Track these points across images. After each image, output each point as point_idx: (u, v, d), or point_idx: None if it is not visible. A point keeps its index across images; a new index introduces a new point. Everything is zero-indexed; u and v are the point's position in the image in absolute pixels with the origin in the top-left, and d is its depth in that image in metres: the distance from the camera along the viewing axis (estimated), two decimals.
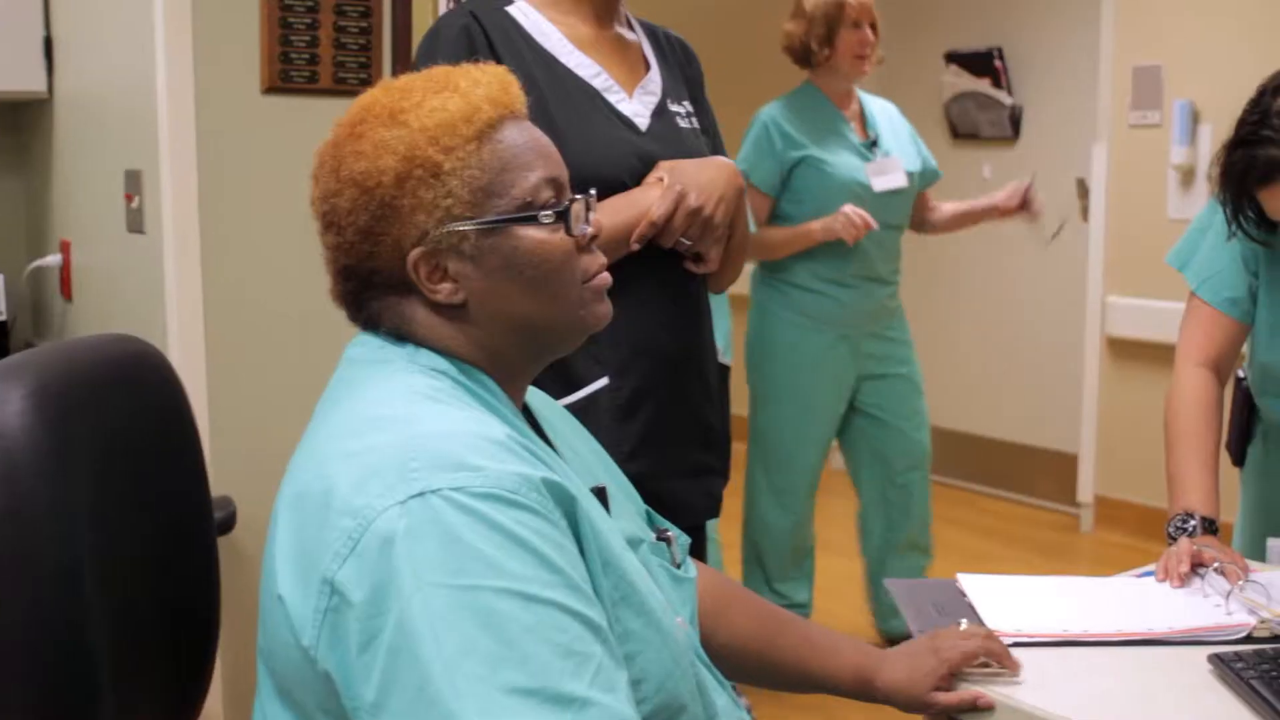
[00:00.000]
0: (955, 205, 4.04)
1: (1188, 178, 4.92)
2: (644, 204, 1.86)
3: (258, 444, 2.58)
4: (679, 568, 1.50)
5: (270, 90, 2.68)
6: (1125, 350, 5.22)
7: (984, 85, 5.78)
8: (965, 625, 1.63)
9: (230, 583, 2.56)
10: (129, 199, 2.77)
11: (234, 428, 2.68)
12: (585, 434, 1.58)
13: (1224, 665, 1.57)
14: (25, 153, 3.51)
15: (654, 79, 2.00)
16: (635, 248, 1.86)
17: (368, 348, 1.32)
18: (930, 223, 4.05)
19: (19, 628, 1.30)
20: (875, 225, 3.61)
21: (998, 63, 5.70)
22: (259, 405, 2.68)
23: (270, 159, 2.67)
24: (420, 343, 1.30)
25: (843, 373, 3.84)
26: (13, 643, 1.29)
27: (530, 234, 1.29)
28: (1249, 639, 1.70)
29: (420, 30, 2.68)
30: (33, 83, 3.20)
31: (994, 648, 1.58)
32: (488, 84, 1.30)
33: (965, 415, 5.90)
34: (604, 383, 1.87)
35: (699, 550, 1.95)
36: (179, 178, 2.63)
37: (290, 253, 2.60)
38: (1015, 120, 5.70)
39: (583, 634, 1.11)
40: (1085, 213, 5.36)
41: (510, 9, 1.94)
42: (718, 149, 2.07)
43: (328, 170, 1.30)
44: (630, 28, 2.04)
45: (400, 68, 2.74)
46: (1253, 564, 1.93)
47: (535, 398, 1.49)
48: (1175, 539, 1.96)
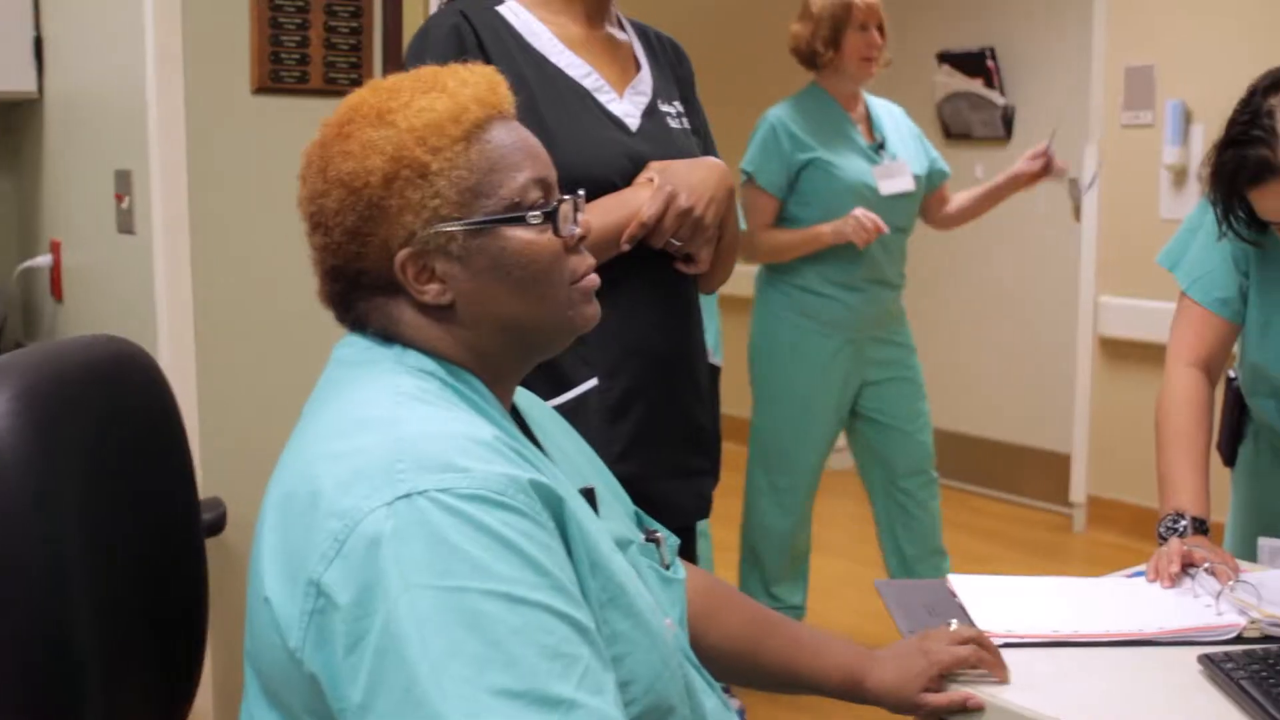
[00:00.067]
0: (970, 192, 3.97)
1: (1180, 178, 4.92)
2: (634, 204, 1.86)
3: (248, 445, 2.58)
4: (668, 569, 1.50)
5: (260, 90, 2.67)
6: (1118, 350, 5.23)
7: (976, 85, 5.78)
8: (955, 626, 1.63)
9: (220, 584, 2.56)
10: (119, 199, 2.77)
11: (224, 428, 2.68)
12: (574, 435, 1.58)
13: (1214, 666, 1.57)
14: (15, 153, 3.50)
15: (644, 79, 2.00)
16: (626, 248, 1.86)
17: (355, 349, 1.32)
18: (948, 216, 3.99)
19: (6, 628, 1.29)
20: (886, 229, 3.58)
21: (990, 63, 5.71)
22: (249, 406, 2.68)
23: (260, 159, 2.66)
24: (408, 344, 1.30)
25: (846, 377, 3.80)
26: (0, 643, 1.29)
27: (518, 234, 1.29)
28: (1239, 639, 1.70)
29: (411, 30, 2.67)
30: (23, 83, 3.19)
31: (986, 656, 1.58)
32: (475, 84, 1.30)
33: (958, 415, 5.90)
34: (594, 383, 1.87)
35: (689, 551, 1.95)
36: (169, 178, 2.63)
37: (281, 253, 2.59)
38: (1008, 120, 5.70)
39: (570, 636, 1.11)
40: (1077, 213, 5.35)
41: (500, 8, 1.93)
42: (709, 149, 2.06)
43: (315, 170, 1.30)
44: (621, 27, 2.04)
45: (391, 68, 2.74)
46: (1243, 564, 1.93)
47: (524, 399, 1.49)
48: (1166, 539, 1.96)
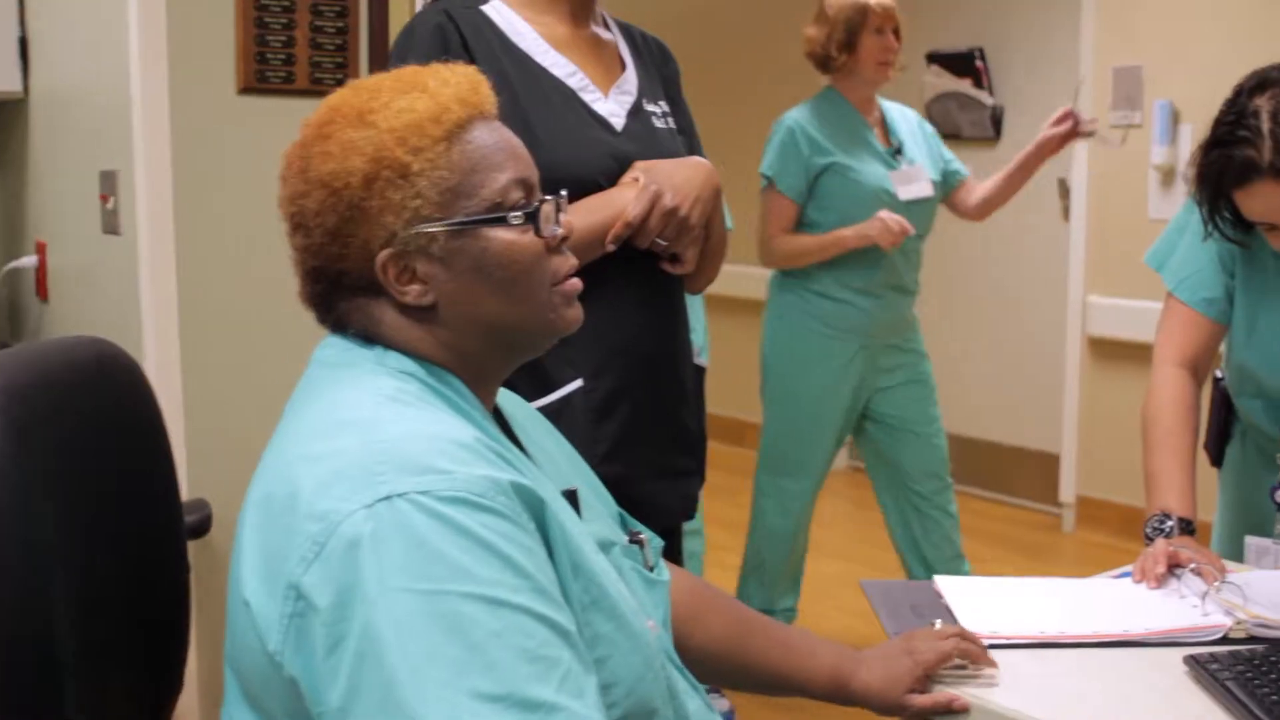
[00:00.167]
0: (995, 177, 3.88)
1: (1168, 178, 4.93)
2: (619, 204, 1.85)
3: (233, 446, 2.57)
4: (652, 571, 1.49)
5: (246, 90, 2.67)
6: (1106, 350, 5.23)
7: (965, 86, 5.78)
8: (940, 626, 1.63)
9: (206, 586, 2.56)
10: (104, 200, 2.76)
11: (209, 430, 2.67)
12: (558, 436, 1.57)
13: (1199, 667, 1.57)
14: (0, 153, 3.49)
15: (630, 78, 1.99)
16: (611, 248, 1.85)
17: (335, 350, 1.31)
18: (978, 205, 3.90)
19: None
20: (913, 230, 3.54)
21: (979, 63, 5.71)
22: (235, 407, 2.67)
23: (246, 160, 2.65)
24: (389, 345, 1.29)
25: (859, 384, 3.75)
26: None
27: (499, 235, 1.28)
28: (1225, 640, 1.70)
29: (397, 30, 2.66)
30: (7, 82, 3.18)
31: (969, 648, 1.58)
32: (457, 84, 1.29)
33: (947, 415, 5.84)
34: (579, 384, 1.86)
35: (674, 553, 1.94)
36: (154, 179, 2.62)
37: (266, 254, 2.57)
38: (997, 120, 5.70)
39: (550, 639, 1.10)
40: (1066, 213, 5.37)
41: (485, 8, 1.92)
42: (694, 149, 2.06)
43: (295, 171, 1.29)
44: (606, 27, 2.03)
45: (377, 68, 2.73)
46: (1230, 564, 1.93)
47: (506, 400, 1.48)
48: (1152, 540, 1.96)
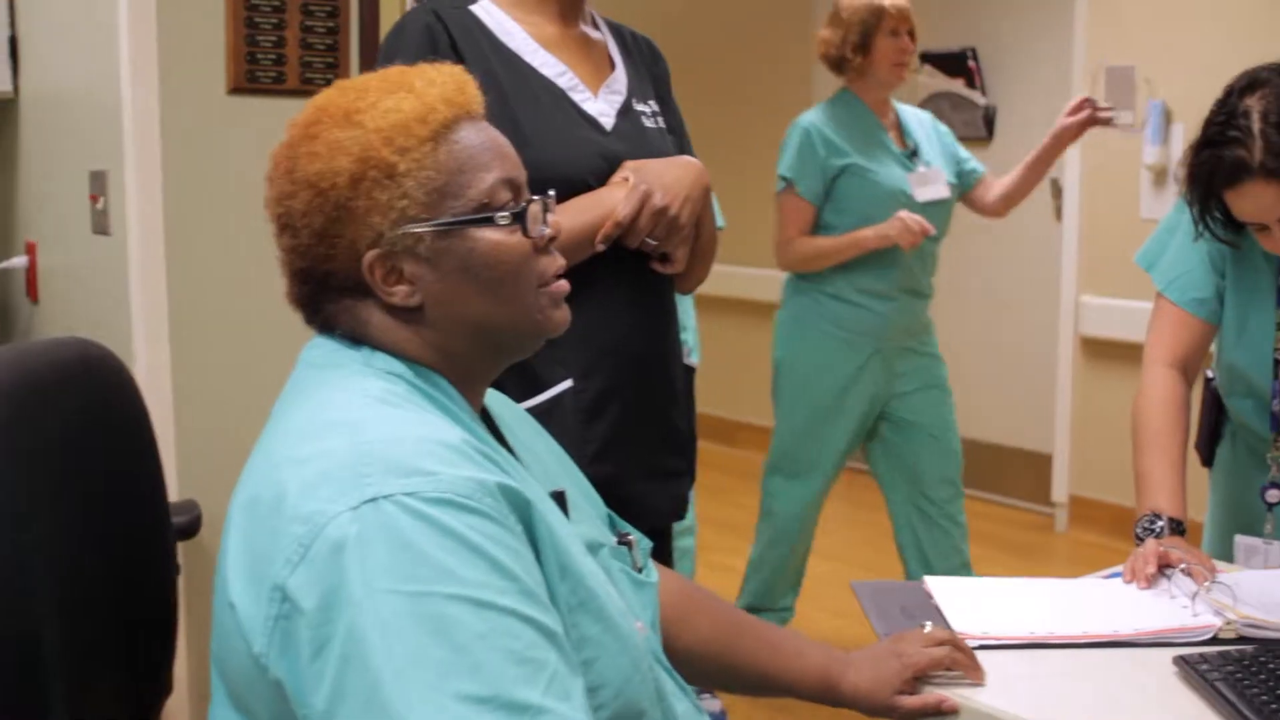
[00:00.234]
0: (1014, 171, 3.83)
1: (1161, 178, 4.92)
2: (609, 204, 1.84)
3: (224, 447, 2.55)
4: (640, 572, 1.49)
5: (236, 90, 2.66)
6: (1099, 350, 5.23)
7: (958, 85, 5.78)
8: (930, 628, 1.62)
9: (196, 586, 2.55)
10: (94, 200, 2.75)
11: (200, 431, 2.66)
12: (546, 437, 1.57)
13: (1189, 667, 1.56)
14: None
15: (619, 78, 1.98)
16: (600, 248, 1.85)
17: (322, 351, 1.30)
18: (999, 201, 3.85)
19: None
20: (933, 230, 3.50)
21: (971, 63, 5.71)
22: (225, 408, 2.66)
23: (236, 160, 2.64)
24: (376, 346, 1.29)
25: (875, 390, 3.71)
26: None
27: (487, 235, 1.28)
28: (1215, 640, 1.69)
29: (388, 30, 2.67)
30: None
31: (960, 658, 1.57)
32: (443, 84, 1.29)
33: None
34: (568, 384, 1.86)
35: (663, 554, 1.94)
36: (144, 179, 2.61)
37: (256, 254, 2.54)
38: (989, 120, 5.70)
39: (537, 640, 1.10)
40: (1059, 213, 5.37)
41: (474, 8, 1.92)
42: (684, 148, 2.05)
43: (282, 172, 1.29)
44: (595, 27, 2.03)
45: (367, 69, 2.68)
46: (1220, 564, 1.93)
47: (495, 401, 1.48)
48: (1143, 540, 1.96)
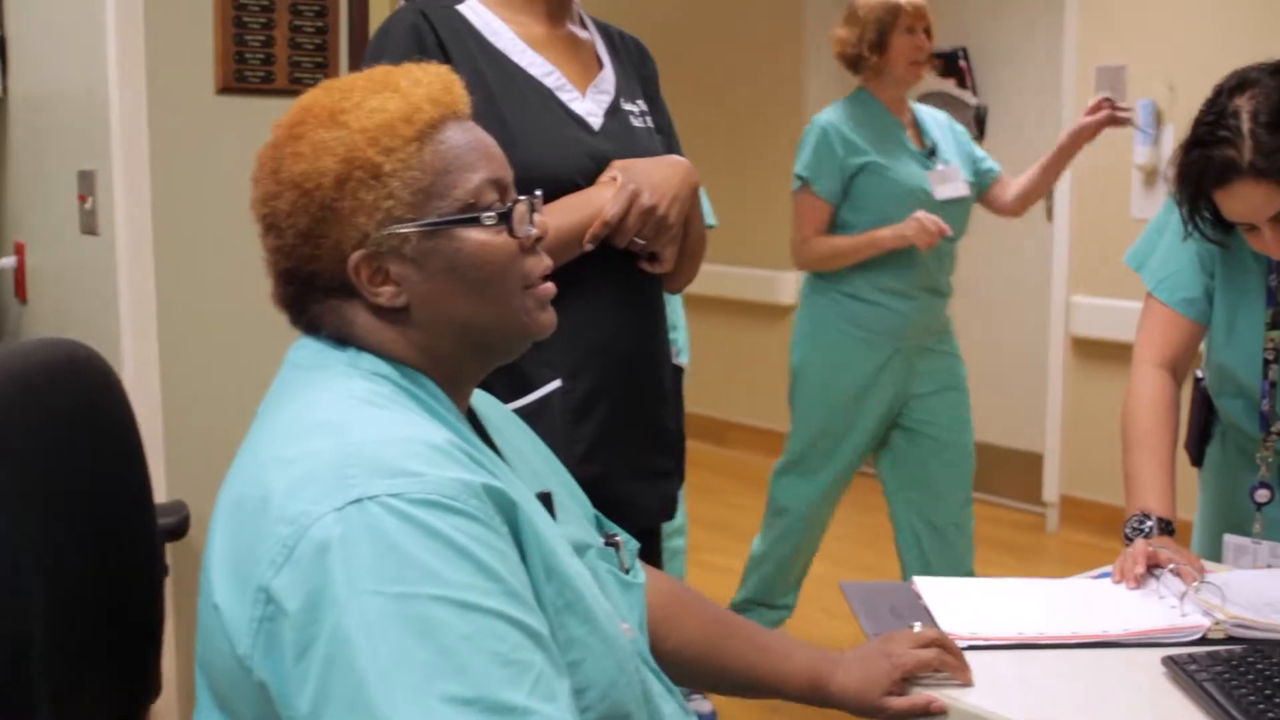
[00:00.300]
0: (1030, 171, 3.81)
1: (1151, 178, 4.93)
2: (597, 203, 1.84)
3: (212, 447, 2.54)
4: (628, 573, 1.49)
5: (224, 90, 2.65)
6: (1090, 350, 5.23)
7: (949, 85, 5.78)
8: (919, 628, 1.62)
9: (185, 587, 2.55)
10: (82, 200, 2.74)
11: (188, 431, 2.65)
12: (534, 438, 1.56)
13: (1177, 668, 1.56)
14: None
15: (607, 78, 1.98)
16: (589, 248, 1.84)
17: (308, 351, 1.30)
18: (1016, 200, 3.82)
19: None
20: (950, 231, 3.46)
21: (963, 63, 5.71)
22: (214, 409, 2.65)
23: (225, 160, 2.64)
24: (362, 347, 1.28)
25: (895, 391, 3.65)
26: None
27: (473, 236, 1.27)
28: (1204, 640, 1.69)
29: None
30: None
31: (949, 660, 1.57)
32: (429, 84, 1.29)
33: None
34: (557, 385, 1.85)
35: (652, 555, 1.94)
36: (132, 179, 2.60)
37: (245, 255, 2.52)
38: (980, 120, 5.71)
39: (522, 642, 1.10)
40: (1050, 213, 5.37)
41: (461, 7, 1.91)
42: (672, 147, 2.05)
43: (267, 172, 1.28)
44: (583, 26, 2.02)
45: (357, 69, 2.70)
46: (1209, 564, 1.93)
47: (482, 402, 1.47)
48: (1132, 540, 1.96)
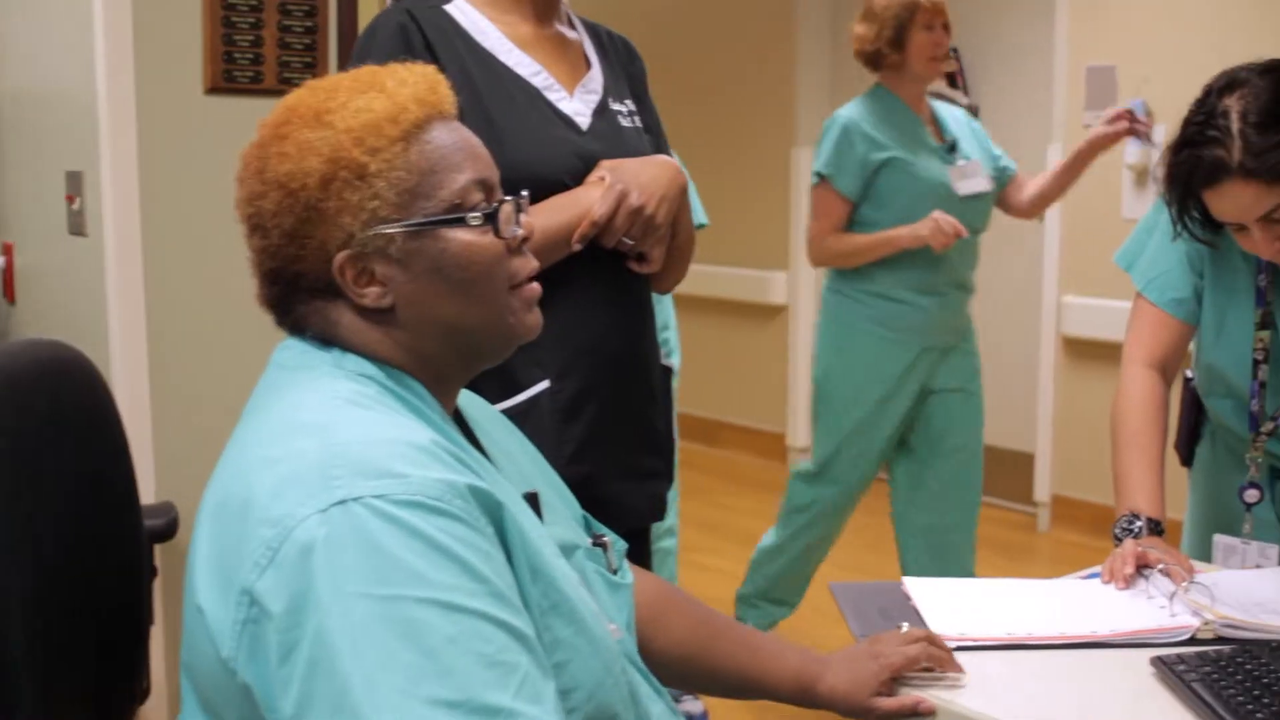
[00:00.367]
0: (1045, 174, 3.79)
1: (1142, 178, 4.93)
2: (585, 204, 1.84)
3: (201, 449, 2.53)
4: (615, 573, 1.48)
5: (213, 90, 2.65)
6: (1081, 350, 5.24)
7: (941, 85, 5.77)
8: (907, 629, 1.62)
9: (174, 589, 2.54)
10: (70, 200, 2.74)
11: (177, 432, 2.65)
12: (521, 438, 1.56)
13: (1166, 668, 1.56)
14: None
15: (595, 77, 1.98)
16: (577, 248, 1.84)
17: (293, 352, 1.30)
18: (1030, 202, 3.79)
19: None
20: (965, 233, 3.42)
21: (954, 62, 5.71)
22: (202, 409, 2.65)
23: (213, 160, 2.62)
24: (347, 347, 1.28)
25: (918, 391, 3.62)
26: None
27: (458, 236, 1.27)
28: (1193, 641, 1.69)
29: None
30: None
31: (936, 652, 1.57)
32: (414, 84, 1.28)
33: None
34: (545, 385, 1.85)
35: (642, 556, 1.93)
36: (120, 179, 2.60)
37: (233, 255, 2.51)
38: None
39: (508, 643, 1.09)
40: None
41: (448, 7, 1.91)
42: (661, 147, 2.05)
43: (252, 172, 1.28)
44: (571, 26, 2.02)
45: (346, 69, 2.72)
46: (1198, 565, 1.93)
47: (469, 402, 1.47)
48: (1121, 540, 1.96)
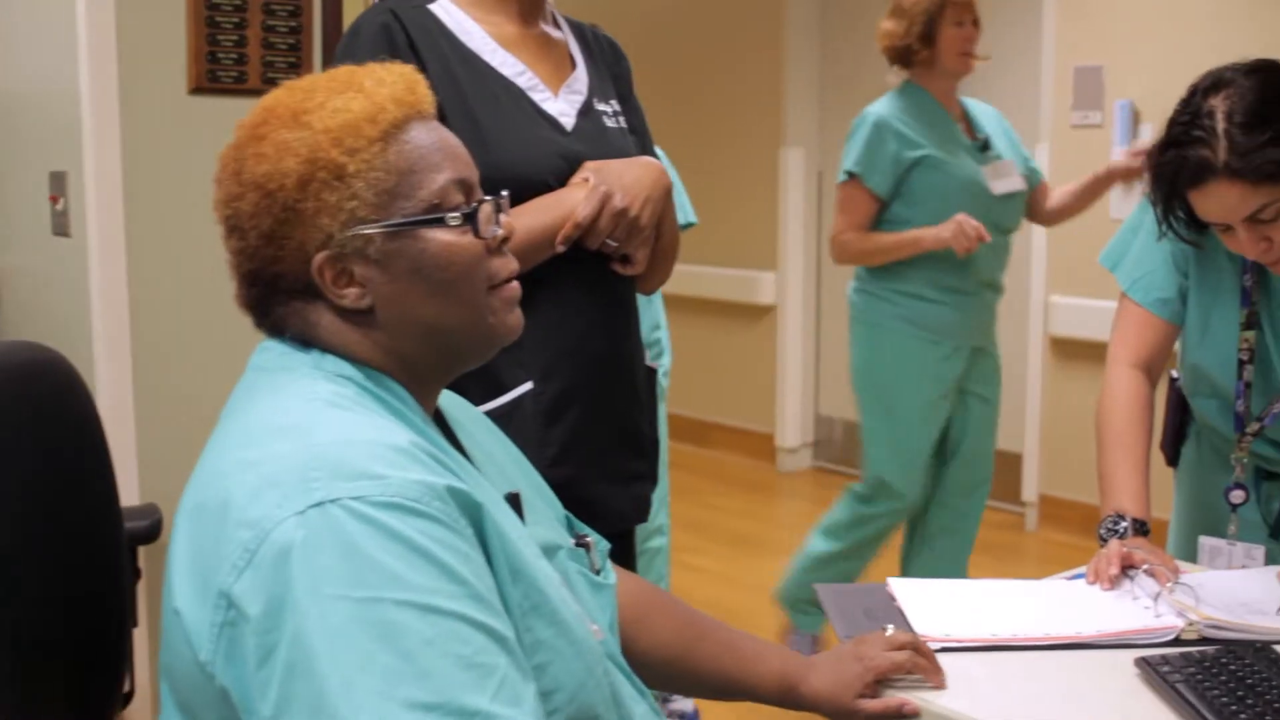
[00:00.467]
0: (1068, 187, 3.76)
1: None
2: (569, 205, 1.83)
3: (185, 451, 2.50)
4: (598, 574, 1.48)
5: (197, 91, 2.64)
6: (1068, 350, 5.24)
7: None
8: (891, 631, 1.61)
9: (157, 592, 2.52)
10: (54, 201, 2.73)
11: (160, 434, 2.64)
12: (503, 439, 1.55)
13: (1150, 669, 1.56)
14: None
15: (580, 77, 1.97)
16: (561, 249, 1.83)
17: (272, 354, 1.29)
18: (1053, 211, 3.78)
19: None
20: (989, 237, 3.37)
21: None
22: (186, 411, 2.63)
23: (197, 161, 2.58)
24: (326, 349, 1.27)
25: (955, 383, 3.58)
26: None
27: (438, 236, 1.26)
28: (1177, 641, 1.69)
29: None
30: None
31: (922, 662, 1.56)
32: (393, 84, 1.27)
33: None
34: (528, 387, 1.84)
35: (626, 557, 1.93)
36: (104, 180, 2.59)
37: (218, 257, 2.51)
38: None
39: (486, 645, 1.09)
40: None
41: (432, 7, 1.90)
42: (646, 148, 2.04)
43: (230, 173, 1.27)
44: (556, 25, 2.01)
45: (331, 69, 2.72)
46: (1183, 565, 1.93)
47: (451, 403, 1.46)
48: (1106, 541, 1.96)
